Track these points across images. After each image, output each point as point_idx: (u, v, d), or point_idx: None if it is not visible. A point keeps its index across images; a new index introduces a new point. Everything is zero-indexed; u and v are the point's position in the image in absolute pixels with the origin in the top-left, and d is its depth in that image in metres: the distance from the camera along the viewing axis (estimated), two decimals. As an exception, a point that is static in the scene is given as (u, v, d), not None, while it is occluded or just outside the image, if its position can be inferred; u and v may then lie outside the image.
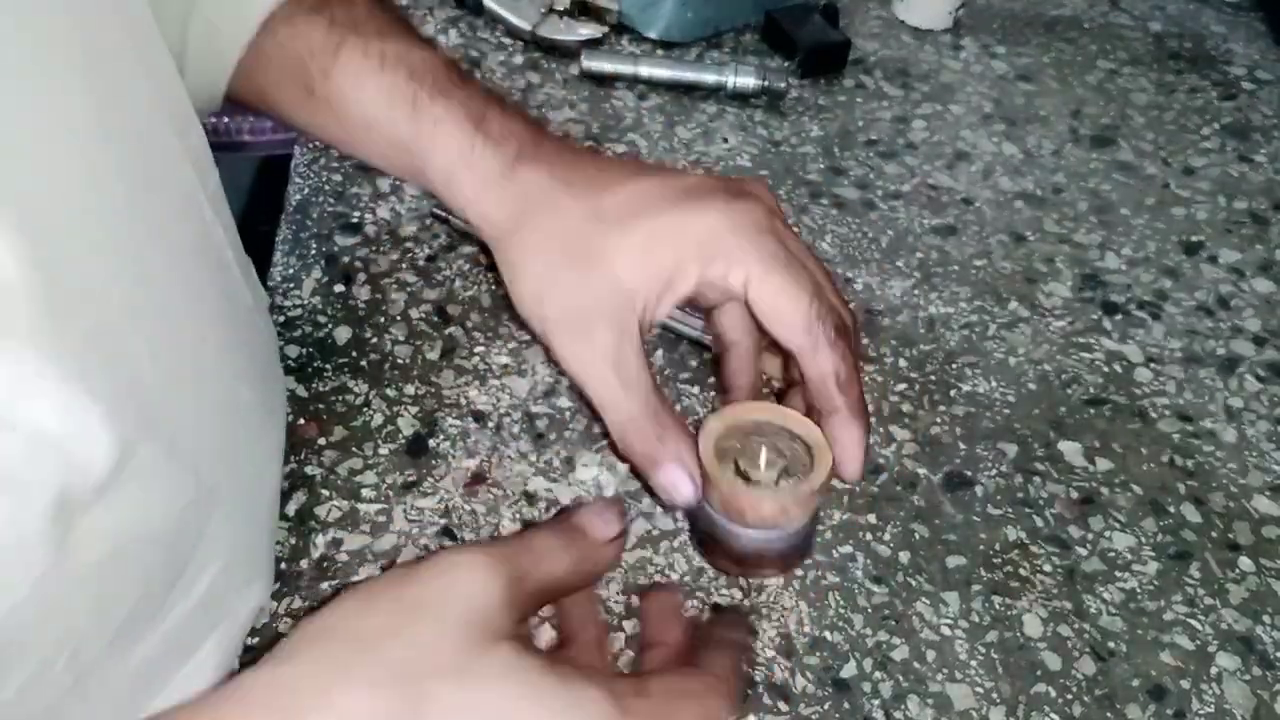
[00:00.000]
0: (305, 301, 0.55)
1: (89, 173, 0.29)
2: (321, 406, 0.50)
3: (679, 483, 0.36)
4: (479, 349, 0.54)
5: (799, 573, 0.46)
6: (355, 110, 0.41)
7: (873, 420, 0.53)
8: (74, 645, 0.30)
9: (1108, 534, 0.49)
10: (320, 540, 0.45)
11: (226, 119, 0.96)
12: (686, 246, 0.35)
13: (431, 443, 0.49)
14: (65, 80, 0.29)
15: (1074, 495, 0.51)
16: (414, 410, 0.51)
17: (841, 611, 0.45)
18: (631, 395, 0.36)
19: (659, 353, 0.54)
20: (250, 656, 0.41)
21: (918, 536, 0.48)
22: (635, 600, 0.44)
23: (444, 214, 0.59)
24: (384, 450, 0.49)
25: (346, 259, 0.58)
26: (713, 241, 0.35)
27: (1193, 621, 0.46)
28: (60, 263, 0.28)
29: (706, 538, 0.38)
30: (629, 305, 0.35)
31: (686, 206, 0.35)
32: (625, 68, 0.71)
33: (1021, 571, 0.47)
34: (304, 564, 0.44)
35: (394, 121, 0.40)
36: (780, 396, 0.40)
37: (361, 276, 0.57)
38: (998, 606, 0.46)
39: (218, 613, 0.38)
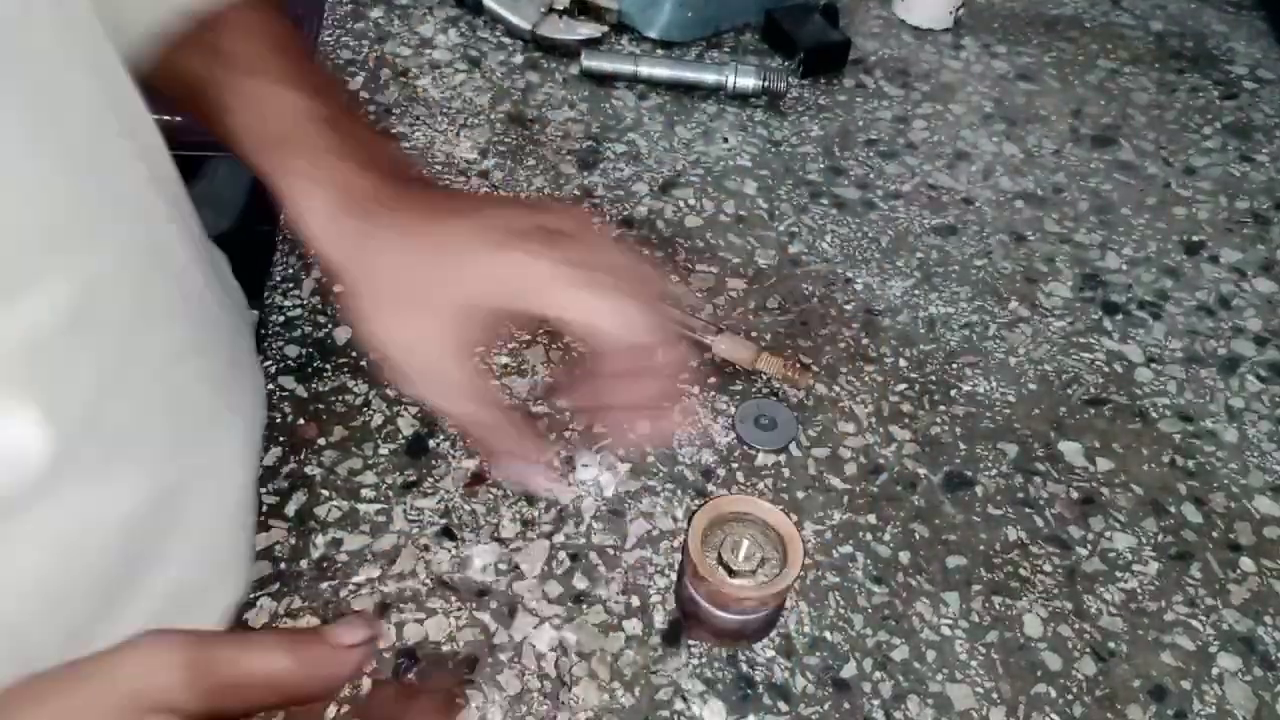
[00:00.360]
0: (305, 301, 0.55)
1: (26, 179, 0.29)
2: (321, 406, 0.50)
3: (530, 474, 0.42)
4: (479, 349, 0.54)
5: (799, 573, 0.46)
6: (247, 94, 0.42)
7: (873, 420, 0.53)
8: (25, 655, 0.30)
9: (1108, 534, 0.49)
10: (320, 540, 0.45)
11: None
12: (505, 286, 0.39)
13: (431, 443, 0.49)
14: None
15: (1074, 495, 0.51)
16: (414, 410, 0.51)
17: (841, 611, 0.45)
18: (462, 399, 0.40)
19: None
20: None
21: (918, 536, 0.48)
22: (634, 600, 0.45)
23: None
24: (384, 450, 0.49)
25: (346, 259, 0.57)
26: (523, 282, 0.38)
27: (1194, 622, 0.46)
28: None
29: (691, 617, 0.43)
30: (455, 325, 0.39)
31: (500, 250, 0.39)
32: (625, 67, 0.71)
33: (1021, 571, 0.47)
34: (304, 564, 0.44)
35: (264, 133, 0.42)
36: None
37: (361, 276, 0.57)
38: (998, 606, 0.46)
39: (184, 610, 0.38)
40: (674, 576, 0.46)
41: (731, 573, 0.40)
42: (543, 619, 0.44)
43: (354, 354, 0.53)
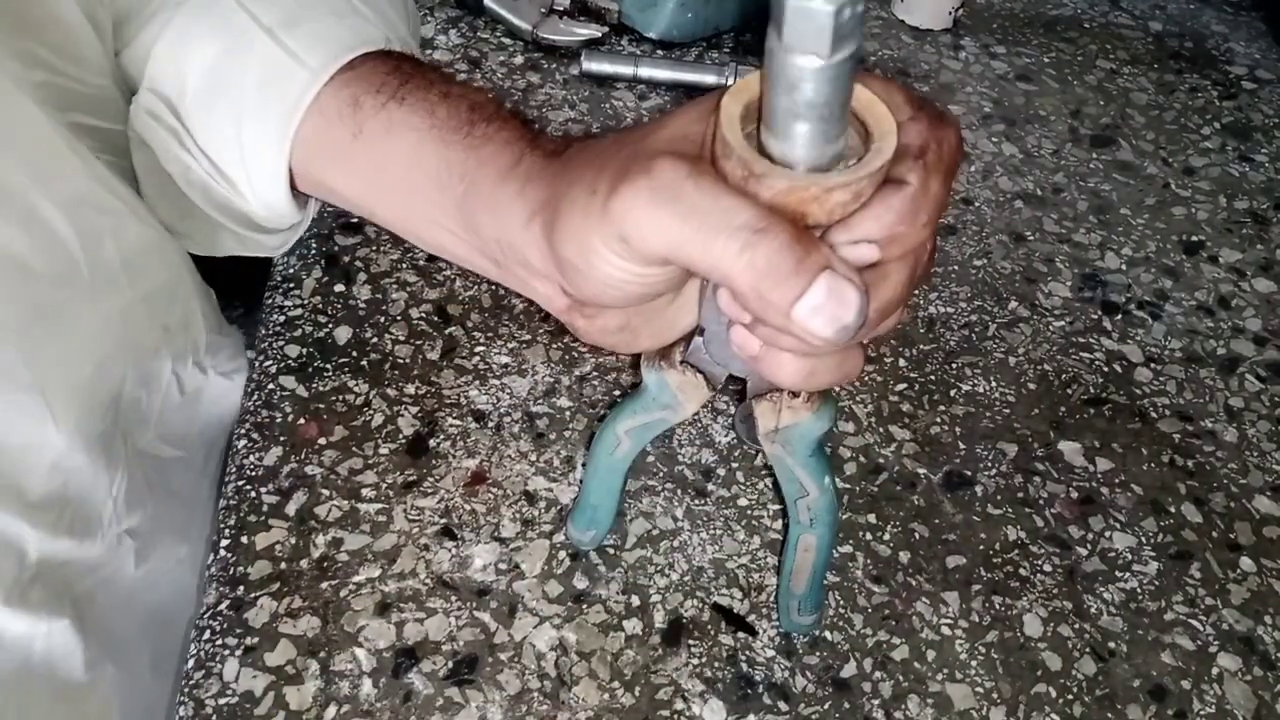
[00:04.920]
0: (305, 301, 0.55)
1: None
2: (321, 406, 0.50)
3: (843, 292, 0.26)
4: (479, 349, 0.54)
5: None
6: (402, 145, 0.40)
7: (872, 420, 0.53)
8: None
9: (1108, 534, 0.49)
10: (320, 540, 0.45)
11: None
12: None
13: (431, 442, 0.49)
14: None
15: (1074, 495, 0.51)
16: (414, 410, 0.51)
17: (841, 611, 0.45)
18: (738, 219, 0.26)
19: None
20: (250, 659, 0.41)
21: (918, 536, 0.48)
22: (634, 600, 0.45)
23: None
24: (384, 450, 0.49)
25: (347, 259, 0.58)
26: None
27: (1193, 622, 0.46)
28: None
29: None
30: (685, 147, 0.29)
31: None
32: (625, 68, 0.71)
33: (1021, 571, 0.47)
34: (304, 563, 0.44)
35: (446, 145, 0.39)
36: None
37: (362, 276, 0.57)
38: (998, 606, 0.46)
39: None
40: (674, 577, 0.46)
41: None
42: (543, 619, 0.44)
43: (354, 354, 0.53)
